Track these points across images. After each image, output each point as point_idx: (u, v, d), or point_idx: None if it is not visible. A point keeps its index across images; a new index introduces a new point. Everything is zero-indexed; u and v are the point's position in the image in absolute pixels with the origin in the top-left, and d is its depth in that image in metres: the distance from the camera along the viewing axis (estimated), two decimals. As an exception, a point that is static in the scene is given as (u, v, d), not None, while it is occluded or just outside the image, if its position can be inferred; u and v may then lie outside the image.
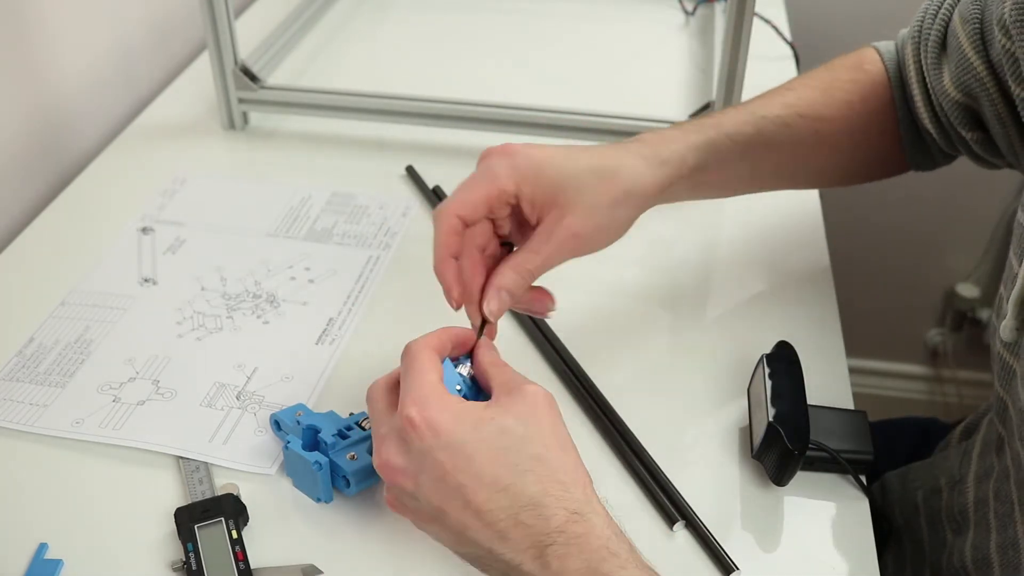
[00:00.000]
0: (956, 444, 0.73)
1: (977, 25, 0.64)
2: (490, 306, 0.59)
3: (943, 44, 0.68)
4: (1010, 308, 0.58)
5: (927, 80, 0.69)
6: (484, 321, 0.59)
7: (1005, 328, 0.59)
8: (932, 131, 0.71)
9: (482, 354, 0.57)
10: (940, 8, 0.69)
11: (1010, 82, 0.61)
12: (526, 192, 0.59)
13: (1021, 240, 0.59)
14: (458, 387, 0.56)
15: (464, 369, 0.57)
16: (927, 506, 0.71)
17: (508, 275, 0.59)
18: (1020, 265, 0.58)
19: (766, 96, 0.72)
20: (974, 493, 0.65)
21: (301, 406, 0.63)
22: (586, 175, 0.60)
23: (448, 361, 0.57)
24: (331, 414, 0.62)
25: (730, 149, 0.67)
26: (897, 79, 0.73)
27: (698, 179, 0.66)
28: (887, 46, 0.75)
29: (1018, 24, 0.59)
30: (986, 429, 0.67)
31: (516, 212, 0.61)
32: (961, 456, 0.69)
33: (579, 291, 0.68)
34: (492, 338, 0.60)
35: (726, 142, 0.67)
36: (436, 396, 0.51)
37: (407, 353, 0.54)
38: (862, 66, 0.74)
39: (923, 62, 0.70)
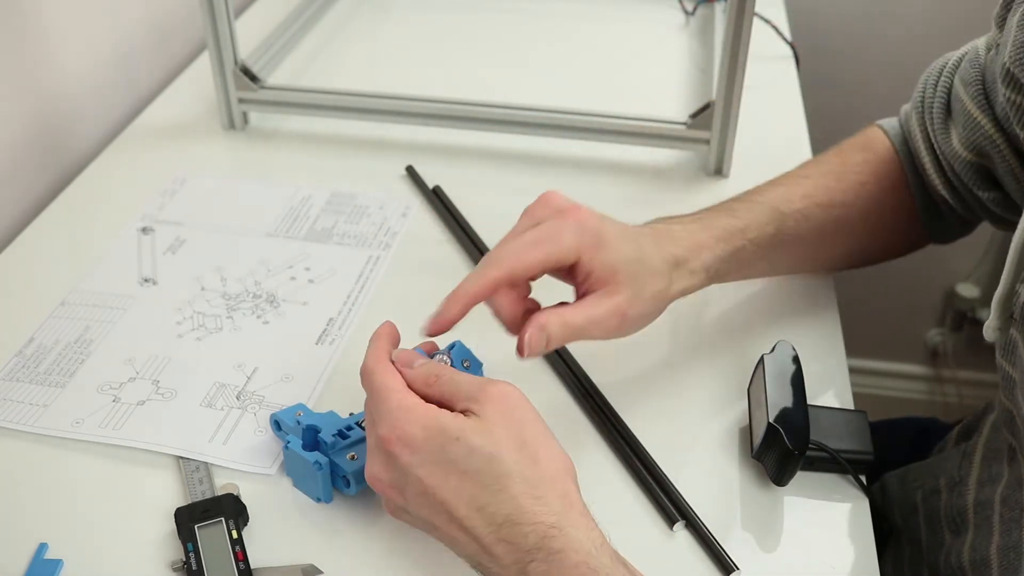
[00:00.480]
0: (954, 445, 0.74)
1: (979, 86, 0.65)
2: (532, 347, 0.57)
3: (948, 110, 0.70)
4: (993, 308, 0.58)
5: (936, 146, 0.71)
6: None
7: (988, 328, 0.59)
8: (947, 196, 0.72)
9: (419, 380, 0.55)
10: (940, 77, 0.71)
11: (1019, 131, 0.61)
12: (584, 261, 0.59)
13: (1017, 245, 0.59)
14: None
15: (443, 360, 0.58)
16: (926, 506, 0.71)
17: (555, 324, 0.58)
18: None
19: (785, 185, 0.72)
20: (975, 495, 0.65)
21: (301, 406, 0.63)
22: (639, 264, 0.61)
23: (422, 353, 0.57)
24: (331, 414, 0.62)
25: (752, 254, 0.68)
26: (905, 152, 0.74)
27: (715, 280, 0.68)
28: (890, 122, 0.76)
29: (1019, 64, 0.59)
30: (990, 434, 0.67)
31: (561, 270, 0.61)
32: (960, 458, 0.69)
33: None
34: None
35: (749, 248, 0.68)
36: (403, 409, 0.51)
37: (364, 373, 0.54)
38: (871, 145, 0.75)
39: (929, 129, 0.71)
